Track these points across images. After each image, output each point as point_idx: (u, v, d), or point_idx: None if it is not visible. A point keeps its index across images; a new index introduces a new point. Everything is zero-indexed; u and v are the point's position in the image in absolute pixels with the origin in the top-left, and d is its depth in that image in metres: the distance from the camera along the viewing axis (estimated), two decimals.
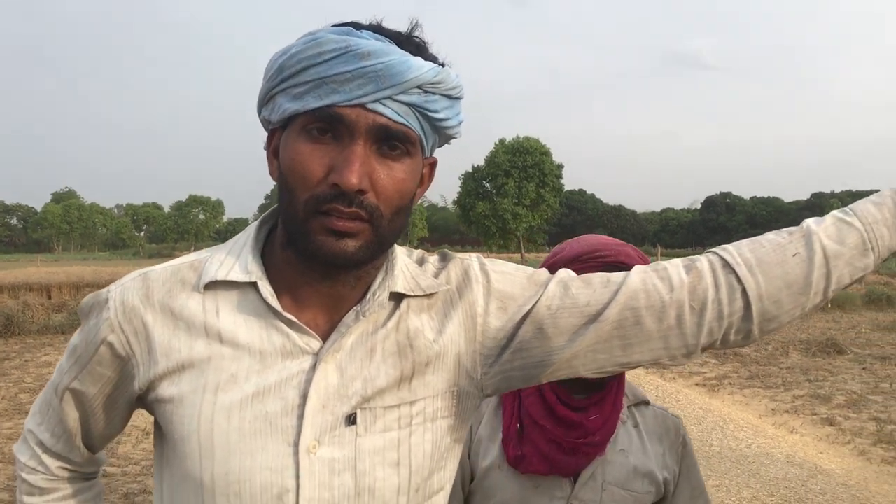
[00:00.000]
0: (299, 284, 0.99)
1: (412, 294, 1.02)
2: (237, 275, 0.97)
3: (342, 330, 0.97)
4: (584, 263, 1.43)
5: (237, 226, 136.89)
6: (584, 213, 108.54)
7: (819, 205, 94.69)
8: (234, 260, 0.99)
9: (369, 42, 0.89)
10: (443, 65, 0.96)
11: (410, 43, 0.94)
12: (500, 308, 1.03)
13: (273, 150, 0.99)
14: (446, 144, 1.06)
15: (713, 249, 1.04)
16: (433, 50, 0.97)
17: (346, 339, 0.98)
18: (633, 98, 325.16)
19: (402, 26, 0.97)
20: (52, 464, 1.10)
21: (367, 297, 0.99)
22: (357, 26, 0.93)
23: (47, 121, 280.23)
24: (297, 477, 0.93)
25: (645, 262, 1.20)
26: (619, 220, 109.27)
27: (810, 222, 1.01)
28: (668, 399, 8.23)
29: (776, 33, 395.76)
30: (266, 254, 1.02)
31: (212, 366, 0.95)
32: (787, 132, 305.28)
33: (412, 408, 0.99)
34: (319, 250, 0.91)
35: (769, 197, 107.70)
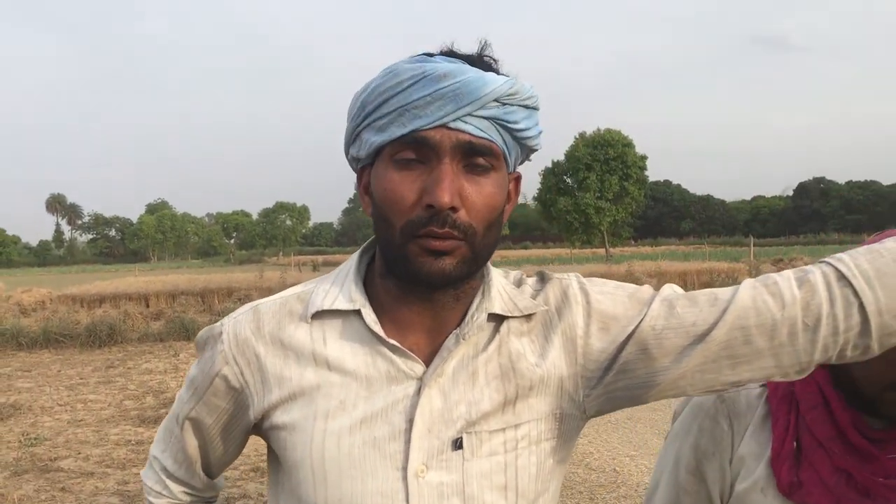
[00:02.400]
0: (400, 310, 1.00)
1: (510, 315, 1.02)
2: (342, 303, 1.00)
3: (444, 354, 0.98)
4: None
5: (323, 230, 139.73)
6: (670, 204, 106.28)
7: None
8: (339, 289, 1.02)
9: (443, 65, 0.92)
10: (513, 78, 0.97)
11: (482, 62, 0.97)
12: (602, 329, 1.02)
13: (364, 187, 1.02)
14: (527, 161, 1.06)
15: (827, 259, 0.98)
16: (504, 69, 0.99)
17: (449, 363, 0.99)
18: (719, 84, 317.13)
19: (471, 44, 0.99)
20: (176, 489, 1.15)
21: (466, 319, 1.00)
22: (430, 55, 0.96)
23: (139, 135, 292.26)
24: (407, 501, 0.95)
25: None
26: (707, 211, 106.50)
27: None
28: None
29: (864, 7, 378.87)
30: (367, 282, 1.04)
31: (321, 393, 0.98)
32: (882, 109, 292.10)
33: (517, 431, 0.99)
34: (420, 271, 0.93)
35: (866, 180, 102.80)
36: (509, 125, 0.95)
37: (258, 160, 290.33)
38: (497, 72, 0.97)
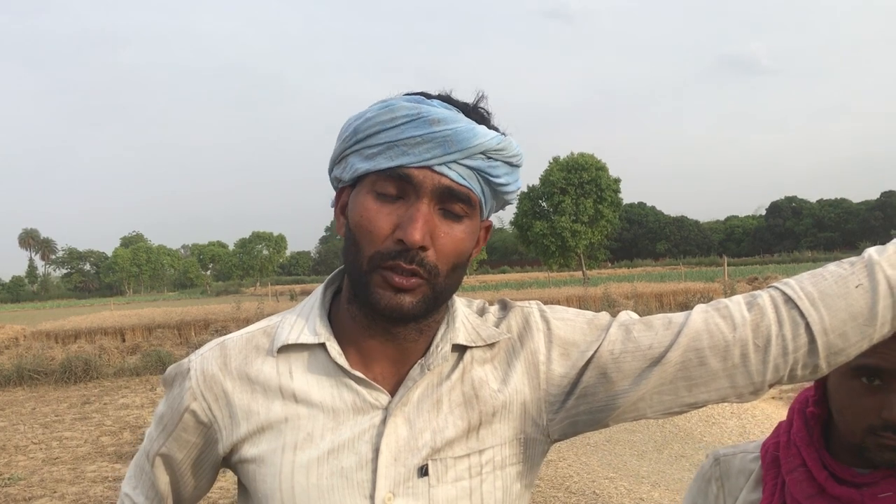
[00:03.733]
0: (365, 340, 1.03)
1: (474, 345, 1.05)
2: (307, 337, 1.03)
3: (409, 384, 1.01)
4: None
5: (300, 259, 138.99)
6: (645, 226, 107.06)
7: (891, 203, 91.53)
8: (304, 323, 1.04)
9: (439, 110, 0.95)
10: (504, 134, 1.01)
11: (476, 113, 1.00)
12: (563, 355, 1.05)
13: (341, 207, 1.05)
14: (500, 211, 1.10)
15: (774, 284, 1.03)
16: (496, 122, 1.03)
17: (413, 392, 1.02)
18: (690, 106, 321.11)
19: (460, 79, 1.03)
20: None
21: (431, 349, 1.03)
22: (427, 96, 0.99)
23: (111, 167, 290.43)
24: None
25: None
26: (682, 231, 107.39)
27: (872, 252, 1.00)
28: (745, 414, 8.04)
29: (832, 29, 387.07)
30: (332, 314, 1.07)
31: (289, 425, 1.00)
32: (851, 130, 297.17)
33: (481, 456, 1.02)
34: (378, 303, 0.96)
35: (836, 199, 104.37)
36: (491, 178, 0.99)
37: (234, 190, 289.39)
38: (489, 124, 1.01)
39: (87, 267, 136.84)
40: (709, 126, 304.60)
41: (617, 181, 50.69)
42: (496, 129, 1.01)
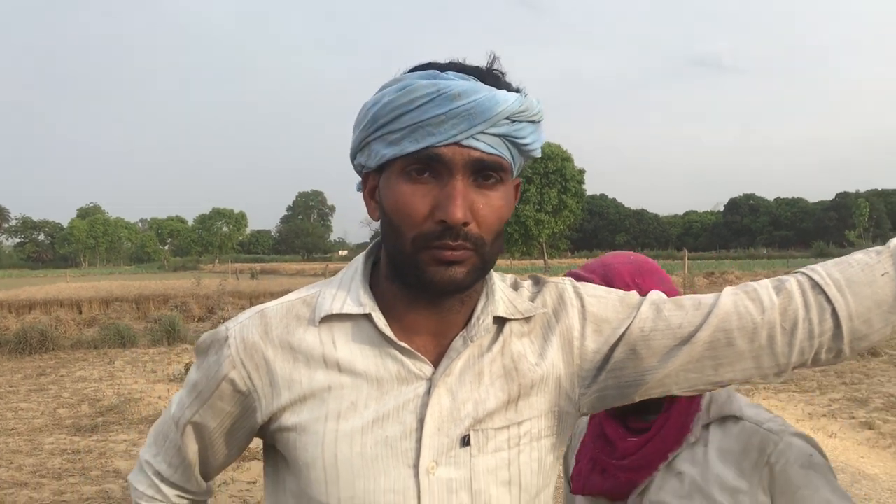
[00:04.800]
0: (407, 313, 1.03)
1: (512, 318, 1.06)
2: (351, 307, 1.02)
3: (452, 355, 1.02)
4: None
5: (260, 238, 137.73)
6: (606, 217, 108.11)
7: (845, 204, 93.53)
8: (346, 293, 1.04)
9: (457, 83, 0.94)
10: (519, 89, 1.00)
11: (491, 76, 0.99)
12: (596, 331, 1.07)
13: (369, 191, 1.04)
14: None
15: (801, 269, 1.06)
16: (509, 78, 1.01)
17: (456, 363, 1.02)
18: (654, 102, 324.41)
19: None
20: (170, 493, 1.14)
21: (472, 322, 1.04)
22: (439, 67, 0.97)
23: (70, 137, 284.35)
24: (419, 497, 0.98)
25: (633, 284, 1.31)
26: (641, 225, 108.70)
27: None
28: None
29: (795, 32, 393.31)
30: (373, 285, 1.06)
31: (332, 395, 1.01)
32: (809, 131, 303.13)
33: (519, 428, 1.04)
34: (432, 280, 0.96)
35: (793, 198, 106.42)
36: (518, 140, 0.98)
37: (194, 165, 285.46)
38: (506, 85, 0.99)
39: (42, 237, 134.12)
40: (672, 122, 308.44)
41: (581, 172, 51.06)
42: (513, 89, 1.00)
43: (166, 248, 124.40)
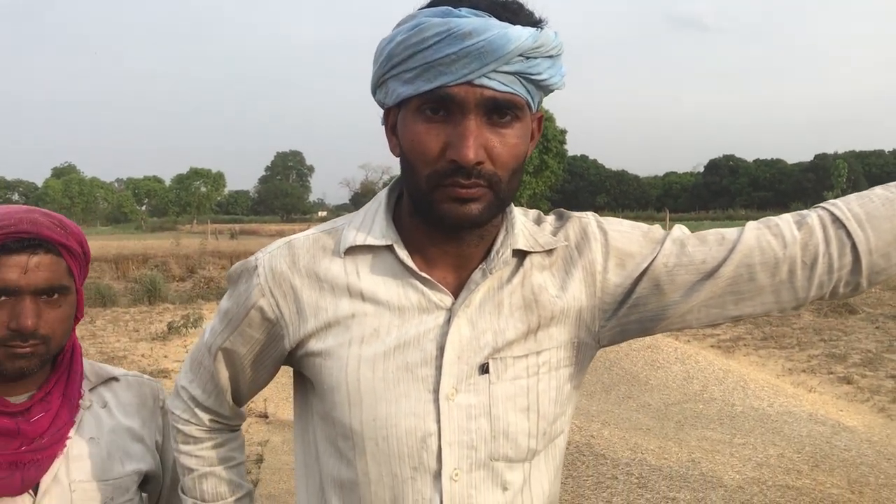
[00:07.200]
0: (428, 246, 1.05)
1: (532, 250, 1.07)
2: (374, 240, 1.05)
3: (471, 287, 1.04)
4: None
5: (238, 198, 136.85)
6: (586, 178, 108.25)
7: (823, 166, 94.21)
8: (370, 226, 1.06)
9: (469, 20, 0.92)
10: (540, 20, 0.98)
11: (507, 10, 0.97)
12: (619, 265, 1.08)
13: (391, 126, 1.05)
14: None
15: (822, 204, 1.06)
16: (529, 6, 0.99)
17: (476, 294, 1.04)
18: (635, 62, 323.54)
19: None
20: (204, 416, 1.19)
21: (492, 254, 1.05)
22: (454, 3, 0.95)
23: (44, 95, 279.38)
24: (438, 421, 1.01)
25: (59, 228, 1.24)
26: (621, 186, 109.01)
27: None
28: (689, 360, 8.28)
29: None
30: (396, 219, 1.08)
31: (356, 322, 1.03)
32: (788, 93, 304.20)
33: (538, 357, 1.06)
34: (446, 216, 0.98)
35: (772, 159, 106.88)
36: (533, 76, 0.97)
37: (171, 124, 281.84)
38: (522, 16, 0.97)
39: (16, 197, 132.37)
40: (652, 82, 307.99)
41: (563, 132, 51.00)
42: (531, 17, 0.98)
43: (143, 208, 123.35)
